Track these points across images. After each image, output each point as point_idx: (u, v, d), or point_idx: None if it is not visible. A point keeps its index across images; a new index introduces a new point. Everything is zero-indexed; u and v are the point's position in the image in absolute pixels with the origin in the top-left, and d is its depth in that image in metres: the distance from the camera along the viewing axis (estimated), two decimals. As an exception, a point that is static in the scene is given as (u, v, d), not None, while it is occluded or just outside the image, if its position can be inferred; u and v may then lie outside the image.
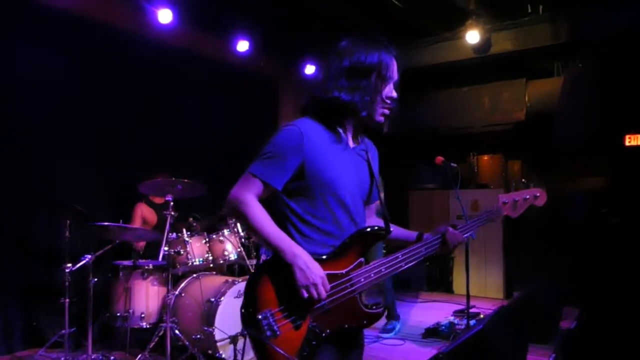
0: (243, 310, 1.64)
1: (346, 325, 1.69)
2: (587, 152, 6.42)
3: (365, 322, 1.73)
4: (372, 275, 1.71)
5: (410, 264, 1.78)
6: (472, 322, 4.57)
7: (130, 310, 3.86)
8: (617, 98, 6.26)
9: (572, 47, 5.71)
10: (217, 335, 3.59)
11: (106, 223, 3.60)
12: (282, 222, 1.73)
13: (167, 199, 3.81)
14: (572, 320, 5.03)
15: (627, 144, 6.64)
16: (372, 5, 5.44)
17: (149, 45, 4.93)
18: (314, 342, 1.63)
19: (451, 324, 4.89)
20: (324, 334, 1.64)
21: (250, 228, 1.66)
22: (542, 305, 4.47)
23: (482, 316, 5.05)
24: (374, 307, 1.74)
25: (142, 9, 4.72)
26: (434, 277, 7.18)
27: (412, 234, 1.93)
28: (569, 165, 6.68)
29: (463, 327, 4.73)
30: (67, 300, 3.74)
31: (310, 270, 1.59)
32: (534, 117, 6.65)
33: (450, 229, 1.87)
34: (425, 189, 7.54)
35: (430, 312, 5.89)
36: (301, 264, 1.59)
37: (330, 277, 1.65)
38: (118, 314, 3.88)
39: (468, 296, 4.54)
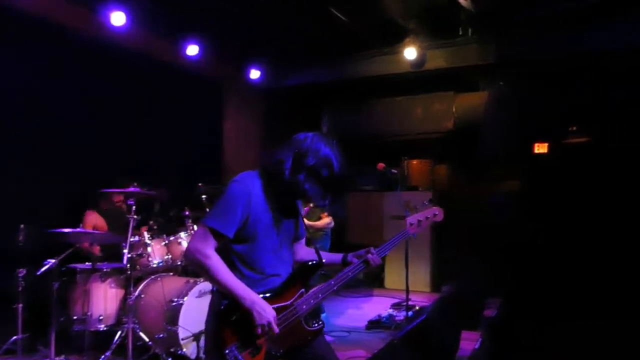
0: (210, 349, 2.01)
1: (295, 344, 2.09)
2: (503, 159, 7.23)
3: (309, 338, 2.13)
4: (312, 301, 2.12)
5: (339, 286, 2.20)
6: (409, 313, 5.06)
7: (88, 313, 3.90)
8: (528, 112, 7.16)
9: (497, 67, 6.42)
10: (181, 333, 3.74)
11: (67, 230, 3.63)
12: (226, 261, 2.06)
13: (129, 202, 3.90)
14: (494, 309, 5.68)
15: (535, 151, 7.60)
16: (318, 16, 5.75)
17: (103, 48, 4.93)
18: None
19: (391, 315, 5.36)
20: (278, 354, 2.05)
21: (212, 278, 2.00)
22: (468, 297, 5.04)
23: (417, 308, 5.55)
24: (315, 325, 2.14)
25: (95, 11, 4.70)
26: (369, 274, 7.67)
27: (337, 257, 2.31)
28: (489, 169, 7.46)
29: (402, 318, 5.20)
30: (21, 305, 3.72)
31: (265, 312, 1.97)
32: (461, 127, 7.34)
33: (369, 255, 2.24)
34: (363, 190, 8.00)
35: (369, 305, 6.35)
36: (258, 308, 1.96)
37: (280, 309, 2.04)
38: (75, 317, 3.92)
39: (407, 290, 5.01)
